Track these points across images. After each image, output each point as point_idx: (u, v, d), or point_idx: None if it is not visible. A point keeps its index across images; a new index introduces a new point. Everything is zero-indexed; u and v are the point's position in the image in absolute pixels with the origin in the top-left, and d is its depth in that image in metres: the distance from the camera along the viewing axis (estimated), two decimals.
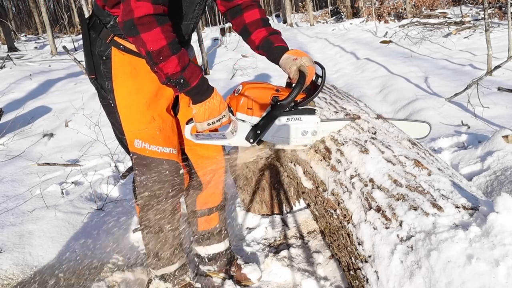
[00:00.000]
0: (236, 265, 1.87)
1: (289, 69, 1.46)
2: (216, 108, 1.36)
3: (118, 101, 1.42)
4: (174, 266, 1.67)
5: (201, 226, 1.83)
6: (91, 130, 3.60)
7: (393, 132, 1.58)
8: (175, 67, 1.24)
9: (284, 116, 1.45)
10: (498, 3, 9.78)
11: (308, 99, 1.48)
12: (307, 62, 1.45)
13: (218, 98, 1.36)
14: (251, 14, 1.56)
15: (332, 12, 18.40)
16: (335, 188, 1.43)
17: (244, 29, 1.58)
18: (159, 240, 1.61)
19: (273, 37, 1.54)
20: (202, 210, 1.80)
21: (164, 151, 1.48)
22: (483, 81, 3.79)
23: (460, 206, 1.06)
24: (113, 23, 1.35)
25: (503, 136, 2.29)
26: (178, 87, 1.28)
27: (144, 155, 1.46)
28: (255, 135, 1.45)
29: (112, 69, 1.39)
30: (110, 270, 1.93)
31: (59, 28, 20.51)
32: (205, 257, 1.86)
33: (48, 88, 6.54)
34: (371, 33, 10.76)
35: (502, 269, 0.84)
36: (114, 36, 1.37)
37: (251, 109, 1.43)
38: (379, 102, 4.42)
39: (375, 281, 1.10)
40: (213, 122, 1.37)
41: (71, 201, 2.49)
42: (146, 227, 1.59)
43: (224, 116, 1.39)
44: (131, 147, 1.47)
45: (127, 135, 1.46)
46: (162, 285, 1.68)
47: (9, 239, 2.06)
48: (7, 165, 3.28)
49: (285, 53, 1.50)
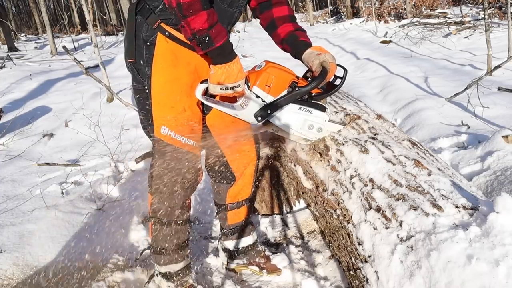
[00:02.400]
0: (264, 256, 1.90)
1: (311, 63, 1.50)
2: (234, 74, 1.35)
3: (153, 87, 1.44)
4: (179, 266, 1.68)
5: (230, 219, 1.85)
6: (91, 130, 3.60)
7: (393, 132, 1.58)
8: (203, 23, 1.24)
9: (297, 105, 1.46)
10: (498, 3, 9.78)
11: (323, 95, 1.51)
12: (330, 58, 1.49)
13: (239, 66, 1.36)
14: (280, 10, 1.61)
15: (332, 12, 18.39)
16: (335, 188, 1.43)
17: (271, 23, 1.62)
18: (167, 234, 1.62)
19: (298, 33, 1.59)
20: (232, 204, 1.82)
21: (187, 142, 1.51)
22: (483, 81, 3.79)
23: (460, 206, 1.06)
24: (162, 7, 1.37)
25: (503, 136, 2.29)
26: (202, 45, 1.28)
27: (167, 143, 1.49)
28: (265, 114, 1.45)
29: (154, 55, 1.41)
30: (110, 270, 1.93)
31: (59, 28, 20.50)
32: (234, 251, 1.88)
33: (48, 88, 6.54)
34: (371, 33, 10.76)
35: (502, 269, 0.84)
36: (161, 22, 1.39)
37: (269, 87, 1.43)
38: (379, 102, 4.42)
39: (375, 281, 1.10)
40: (226, 88, 1.36)
41: (71, 201, 2.49)
42: (156, 218, 1.61)
43: (239, 86, 1.38)
44: (156, 133, 1.50)
45: (155, 121, 1.48)
46: (164, 283, 1.68)
47: (9, 239, 2.05)
48: (7, 165, 3.28)
49: (309, 48, 1.54)
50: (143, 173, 3.07)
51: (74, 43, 12.47)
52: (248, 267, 1.89)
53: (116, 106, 4.94)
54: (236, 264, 1.90)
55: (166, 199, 1.57)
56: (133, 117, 4.58)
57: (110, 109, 4.78)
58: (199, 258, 2.02)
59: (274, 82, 1.43)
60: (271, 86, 1.43)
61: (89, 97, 5.35)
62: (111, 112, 4.64)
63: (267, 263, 1.89)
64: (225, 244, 1.90)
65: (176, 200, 1.58)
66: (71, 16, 19.01)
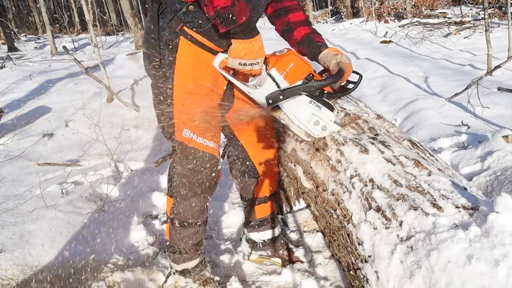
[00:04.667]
0: (288, 249, 1.95)
1: (328, 62, 1.52)
2: (254, 51, 1.35)
3: (175, 89, 1.46)
4: (195, 262, 1.71)
5: (258, 213, 1.90)
6: (91, 130, 3.60)
7: (393, 132, 1.58)
8: (226, 0, 1.24)
9: (308, 98, 1.47)
10: (498, 3, 9.78)
11: (333, 95, 1.53)
12: (347, 60, 1.51)
13: (260, 43, 1.37)
14: (296, 15, 1.66)
15: (332, 12, 18.38)
16: (335, 188, 1.43)
17: (288, 27, 1.65)
18: (186, 235, 1.65)
19: (314, 35, 1.62)
20: (260, 198, 1.87)
21: (209, 145, 1.54)
22: (483, 81, 3.79)
23: (460, 206, 1.06)
24: (185, 10, 1.37)
25: (503, 136, 2.29)
26: (225, 23, 1.28)
27: (190, 146, 1.51)
28: (277, 99, 1.45)
29: (177, 58, 1.43)
30: (110, 270, 1.93)
31: (59, 28, 20.50)
32: (259, 243, 1.93)
33: (48, 88, 6.53)
34: (371, 33, 10.76)
35: (502, 269, 0.84)
36: (184, 25, 1.40)
37: (287, 72, 1.43)
38: (379, 102, 4.42)
39: (375, 281, 1.10)
40: (245, 64, 1.37)
41: (71, 201, 2.49)
42: (176, 219, 1.63)
43: (258, 64, 1.39)
44: (178, 136, 1.51)
45: (177, 124, 1.50)
46: (182, 280, 1.72)
47: (9, 239, 2.05)
48: (7, 165, 3.28)
49: (326, 49, 1.57)
50: (143, 173, 3.07)
51: (74, 43, 12.47)
52: (271, 259, 1.93)
53: (116, 106, 4.94)
54: (259, 255, 1.95)
55: (186, 202, 1.59)
56: (133, 117, 4.58)
57: (110, 109, 4.78)
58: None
59: (292, 69, 1.43)
60: (289, 72, 1.44)
61: (89, 97, 5.34)
62: (111, 112, 4.64)
63: (291, 255, 1.94)
64: (251, 235, 1.94)
65: (196, 202, 1.60)
66: (71, 16, 19.00)
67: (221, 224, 2.40)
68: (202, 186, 1.57)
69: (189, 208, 1.60)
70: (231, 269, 1.96)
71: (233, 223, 2.38)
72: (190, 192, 1.57)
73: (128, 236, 2.21)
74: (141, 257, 2.04)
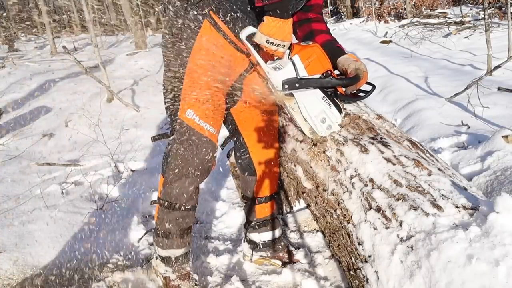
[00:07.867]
0: (288, 251, 1.94)
1: (347, 66, 1.56)
2: (283, 32, 1.36)
3: (188, 71, 1.48)
4: (179, 251, 1.70)
5: (259, 213, 1.90)
6: (91, 130, 3.60)
7: (394, 132, 1.58)
8: None
9: (322, 93, 1.49)
10: (498, 3, 9.78)
11: (344, 98, 1.55)
12: (364, 68, 1.55)
13: (291, 28, 1.38)
14: (319, 25, 1.73)
15: (332, 12, 18.38)
16: (335, 188, 1.43)
17: (310, 33, 1.71)
18: (174, 217, 1.64)
19: (335, 42, 1.68)
20: (260, 198, 1.87)
21: (209, 129, 1.55)
22: (483, 81, 3.79)
23: (460, 206, 1.06)
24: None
25: (503, 136, 2.29)
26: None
27: (190, 126, 1.52)
28: (293, 86, 1.46)
29: (197, 39, 1.45)
30: (110, 270, 1.93)
31: (59, 28, 20.49)
32: (259, 244, 1.92)
33: (48, 88, 6.54)
34: (371, 33, 10.76)
35: (502, 269, 0.84)
36: (210, 10, 1.43)
37: (309, 62, 1.45)
38: (379, 102, 4.42)
39: (375, 281, 1.10)
40: (272, 43, 1.37)
41: (71, 201, 2.49)
42: (165, 200, 1.62)
43: (284, 47, 1.40)
44: (181, 114, 1.53)
45: (182, 103, 1.51)
46: (162, 267, 1.71)
47: (9, 239, 2.05)
48: (7, 165, 3.28)
49: (346, 54, 1.61)
50: (143, 173, 3.07)
51: (74, 43, 12.47)
52: (271, 260, 1.93)
53: (116, 106, 4.95)
54: (259, 256, 1.94)
55: (177, 182, 1.59)
56: (133, 117, 4.58)
57: (110, 109, 4.79)
58: (199, 258, 2.02)
59: (315, 60, 1.45)
60: (311, 62, 1.45)
61: (89, 97, 5.35)
62: (111, 112, 4.64)
63: (291, 257, 1.93)
64: (251, 236, 1.94)
65: (187, 184, 1.60)
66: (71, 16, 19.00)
67: (221, 224, 2.40)
68: (195, 168, 1.57)
69: (180, 189, 1.60)
70: (231, 269, 1.96)
71: (233, 223, 2.38)
72: (183, 172, 1.57)
73: (128, 236, 2.21)
74: (141, 257, 2.04)
